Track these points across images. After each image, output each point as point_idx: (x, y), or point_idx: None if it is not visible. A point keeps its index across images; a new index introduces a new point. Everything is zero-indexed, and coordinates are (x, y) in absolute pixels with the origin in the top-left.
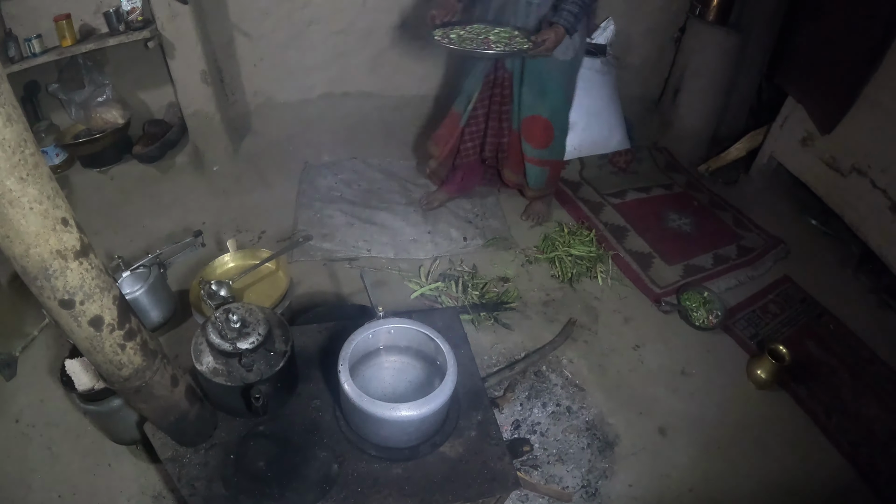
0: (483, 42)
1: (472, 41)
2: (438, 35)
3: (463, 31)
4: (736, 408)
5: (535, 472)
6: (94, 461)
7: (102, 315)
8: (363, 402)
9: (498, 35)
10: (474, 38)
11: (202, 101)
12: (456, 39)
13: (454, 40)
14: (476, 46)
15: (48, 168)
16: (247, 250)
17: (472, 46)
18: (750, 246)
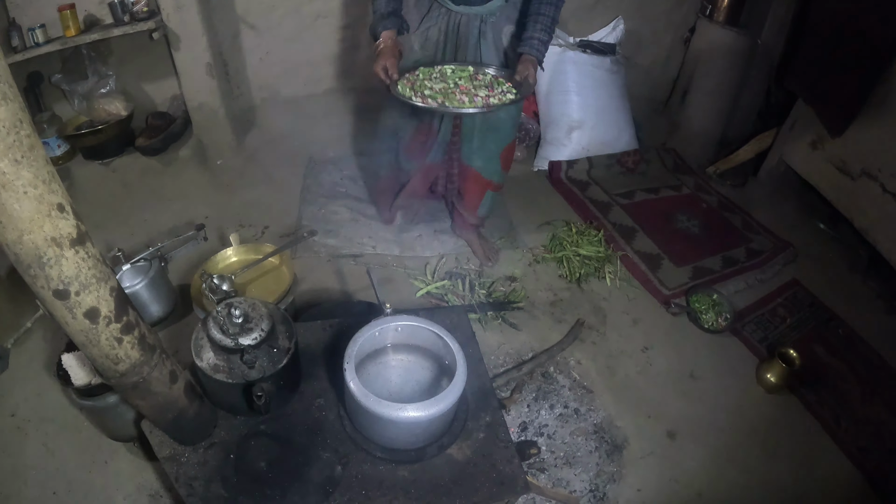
0: (461, 90)
1: (446, 92)
2: (409, 93)
3: (428, 81)
4: (745, 412)
5: (543, 475)
6: (90, 458)
7: (99, 307)
8: (369, 401)
9: (464, 75)
10: (446, 85)
11: (207, 94)
12: (431, 95)
13: (431, 96)
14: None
15: (44, 151)
16: (250, 245)
17: (459, 102)
18: (758, 249)
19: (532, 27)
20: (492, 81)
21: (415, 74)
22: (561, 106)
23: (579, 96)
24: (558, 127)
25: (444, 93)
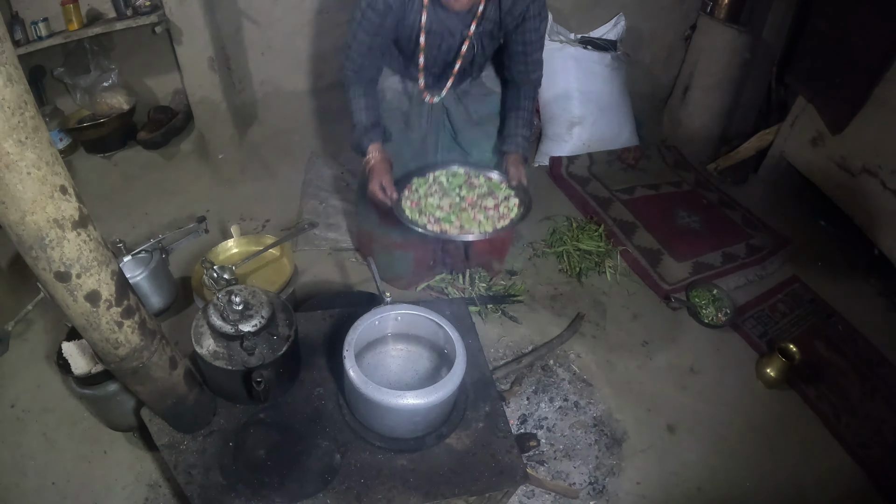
0: (469, 203)
1: (457, 210)
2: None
3: (432, 199)
4: (745, 406)
5: (542, 467)
6: (89, 448)
7: (100, 290)
8: (369, 389)
9: (460, 182)
10: (452, 200)
11: (209, 89)
12: (444, 217)
13: (445, 219)
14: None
15: (48, 133)
16: (251, 236)
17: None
18: (759, 245)
19: (514, 123)
20: (488, 185)
21: (414, 191)
22: (562, 102)
23: (580, 92)
24: (559, 123)
25: (456, 210)
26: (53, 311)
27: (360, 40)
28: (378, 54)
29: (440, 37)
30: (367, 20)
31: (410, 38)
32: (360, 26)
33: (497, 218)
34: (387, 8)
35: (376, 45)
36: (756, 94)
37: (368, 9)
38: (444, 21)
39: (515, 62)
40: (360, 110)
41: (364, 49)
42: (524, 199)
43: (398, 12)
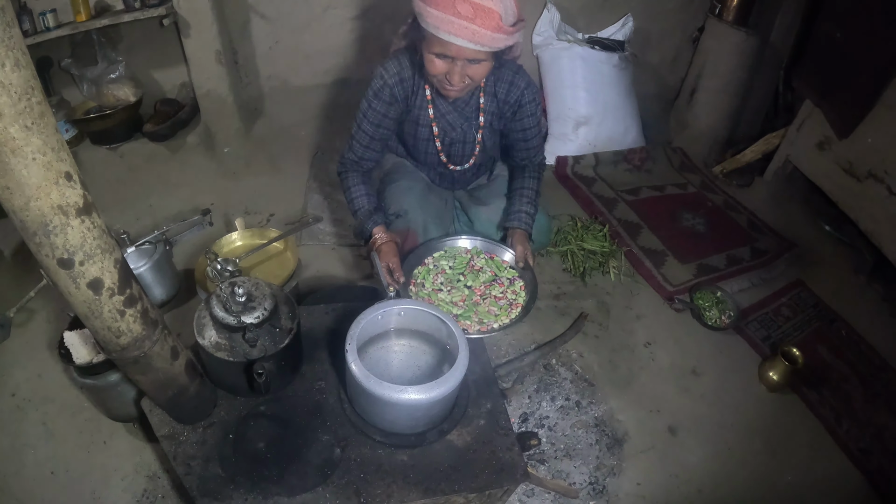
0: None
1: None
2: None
3: (442, 293)
4: (746, 409)
5: (542, 466)
6: (89, 438)
7: (102, 278)
8: (370, 383)
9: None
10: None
11: (215, 82)
12: (463, 314)
13: (464, 316)
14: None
15: (54, 119)
16: (255, 230)
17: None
18: (763, 248)
19: (519, 201)
20: (490, 266)
21: (419, 285)
22: (569, 101)
23: (587, 92)
24: (565, 122)
25: (469, 305)
26: (56, 301)
27: (363, 130)
28: (379, 146)
29: (444, 132)
30: (372, 110)
31: (416, 135)
32: (364, 116)
33: (508, 306)
34: (392, 99)
35: (378, 136)
36: (763, 97)
37: (374, 98)
38: (446, 115)
39: (517, 149)
40: (361, 196)
41: (367, 139)
42: (529, 280)
43: (403, 104)
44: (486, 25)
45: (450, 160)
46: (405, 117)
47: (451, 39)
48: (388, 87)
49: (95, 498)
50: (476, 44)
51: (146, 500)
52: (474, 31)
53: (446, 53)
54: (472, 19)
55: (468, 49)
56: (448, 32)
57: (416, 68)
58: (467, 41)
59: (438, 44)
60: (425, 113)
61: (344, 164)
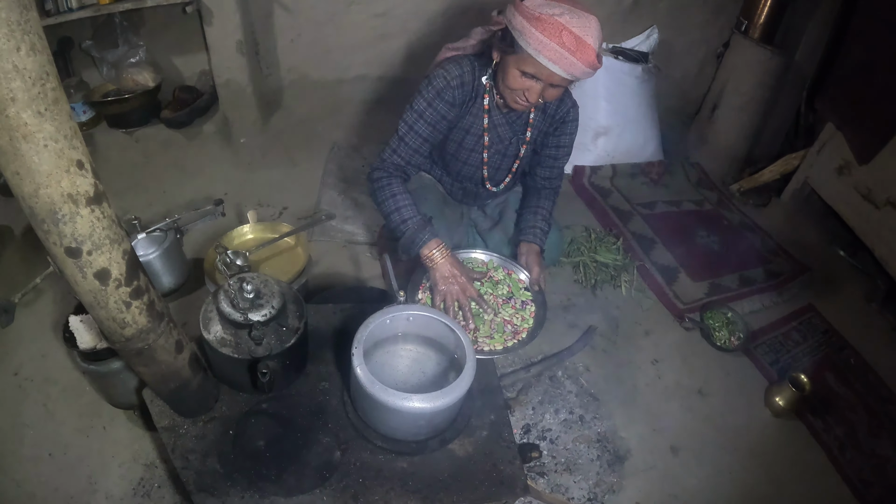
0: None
1: (478, 314)
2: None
3: None
4: (751, 434)
5: (542, 479)
6: (88, 422)
7: (110, 268)
8: (375, 388)
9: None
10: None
11: (235, 72)
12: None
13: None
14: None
15: (69, 106)
16: (267, 223)
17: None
18: (777, 271)
19: (533, 218)
20: (507, 282)
21: (426, 291)
22: (589, 111)
23: (608, 102)
24: (584, 132)
25: (479, 314)
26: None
27: (416, 131)
28: (427, 152)
29: (492, 143)
30: (432, 109)
31: (461, 144)
32: (420, 117)
33: (511, 333)
34: (453, 101)
35: (431, 139)
36: (785, 117)
37: (436, 98)
38: (498, 127)
39: (543, 167)
40: (409, 206)
41: (418, 142)
42: (540, 304)
43: (458, 110)
44: (582, 59)
45: (489, 175)
46: (454, 124)
47: (548, 65)
48: (451, 89)
49: (92, 483)
50: (568, 73)
51: (142, 489)
52: (572, 62)
53: (536, 76)
54: (573, 52)
55: (559, 76)
56: (547, 58)
57: (478, 75)
58: (562, 70)
59: (532, 65)
60: (479, 122)
61: (385, 168)
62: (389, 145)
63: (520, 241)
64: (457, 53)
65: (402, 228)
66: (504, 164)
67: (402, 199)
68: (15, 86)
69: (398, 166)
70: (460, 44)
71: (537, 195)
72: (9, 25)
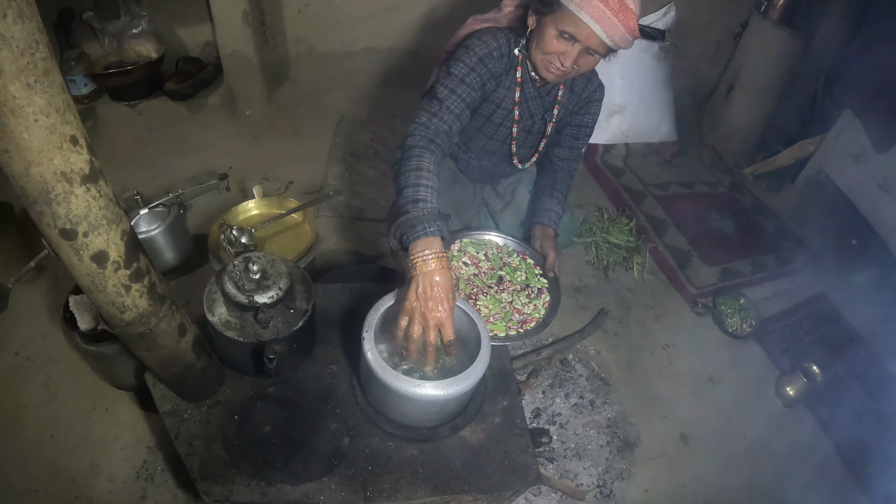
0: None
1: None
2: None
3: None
4: (760, 423)
5: (551, 465)
6: (91, 403)
7: (108, 250)
8: (386, 375)
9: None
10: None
11: (240, 43)
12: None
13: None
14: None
15: (61, 78)
16: (272, 199)
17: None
18: (789, 258)
19: (549, 200)
20: (524, 267)
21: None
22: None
23: (623, 80)
24: None
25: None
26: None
27: (458, 94)
28: (465, 121)
29: (521, 118)
30: (475, 73)
31: (490, 118)
32: (462, 81)
33: (520, 321)
34: (494, 69)
35: (472, 105)
36: (801, 101)
37: (479, 63)
38: (529, 101)
39: (562, 147)
40: (429, 188)
41: (461, 107)
42: (554, 293)
43: (494, 83)
44: (623, 22)
45: (516, 150)
46: (485, 97)
47: (589, 23)
48: (493, 59)
49: (94, 465)
50: (608, 36)
51: (145, 472)
52: (613, 23)
53: (575, 36)
54: (616, 12)
55: (598, 38)
56: (590, 15)
57: (512, 47)
58: (602, 30)
59: (573, 23)
60: (511, 95)
61: (420, 135)
62: (426, 110)
63: (535, 224)
64: (487, 25)
65: (408, 207)
66: (528, 142)
67: (427, 178)
68: (1, 56)
69: (438, 132)
70: (491, 15)
71: (553, 176)
72: None
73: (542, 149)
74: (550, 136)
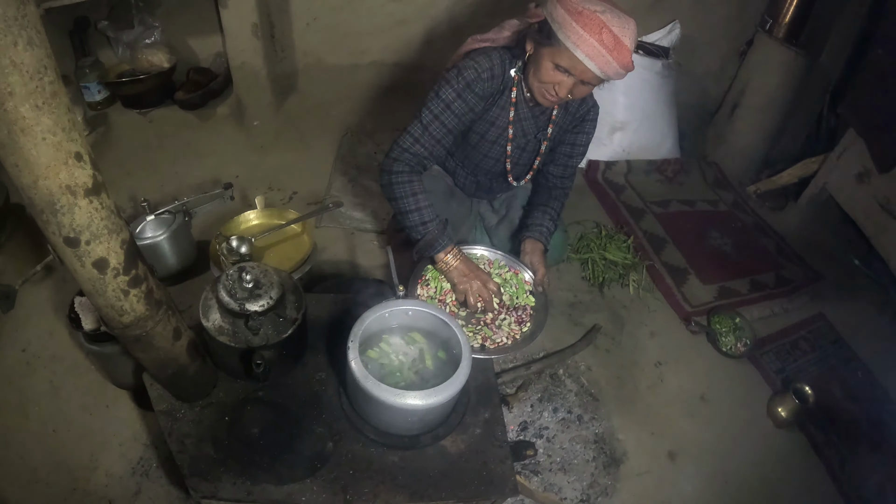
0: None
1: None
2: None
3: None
4: (751, 443)
5: (536, 477)
6: (92, 400)
7: (108, 258)
8: (368, 384)
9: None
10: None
11: (250, 54)
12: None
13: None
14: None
15: (67, 99)
16: (274, 209)
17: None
18: (789, 277)
19: (541, 216)
20: (514, 282)
21: (425, 282)
22: (606, 104)
23: (626, 97)
24: (601, 126)
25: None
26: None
27: (442, 121)
28: (450, 144)
29: (515, 137)
30: (461, 100)
31: (484, 136)
32: (448, 107)
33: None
34: (483, 93)
35: (456, 131)
36: (806, 119)
37: (466, 89)
38: (523, 121)
39: (557, 165)
40: (428, 208)
41: (442, 133)
42: (541, 310)
43: (484, 103)
44: (618, 59)
45: (511, 168)
46: (479, 115)
47: (585, 60)
48: (481, 81)
49: (93, 460)
50: (602, 72)
51: (140, 469)
52: (608, 61)
53: (570, 71)
54: (610, 51)
55: (592, 73)
56: (585, 54)
57: (507, 67)
58: (597, 67)
59: (568, 59)
60: (505, 114)
61: (404, 161)
62: (410, 133)
63: (525, 238)
64: (484, 45)
65: (420, 230)
66: (523, 159)
67: (423, 200)
68: (13, 80)
69: (418, 158)
70: (490, 35)
71: (548, 194)
72: (5, 21)
73: (537, 166)
74: (545, 154)
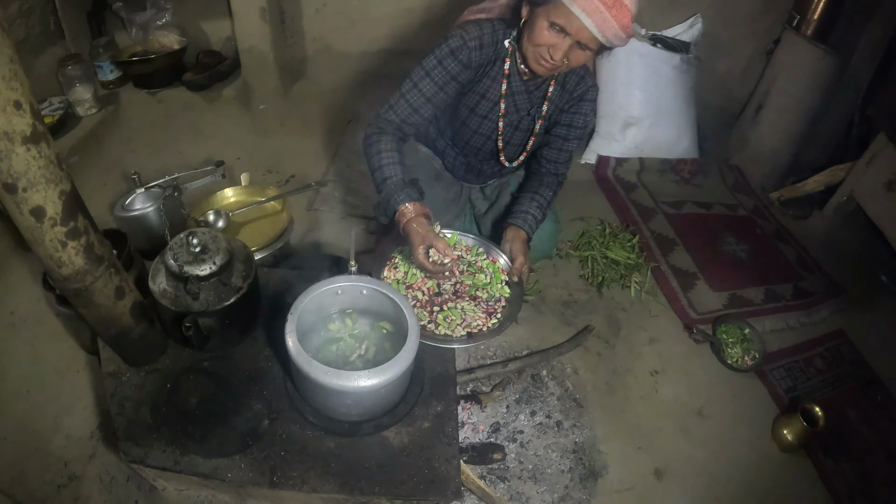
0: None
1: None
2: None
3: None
4: (749, 466)
5: (502, 484)
6: (66, 365)
7: (45, 206)
8: (300, 359)
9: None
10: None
11: (258, 39)
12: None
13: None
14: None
15: (12, 49)
16: (254, 186)
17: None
18: (809, 289)
19: (528, 203)
20: (490, 270)
21: (393, 266)
22: (620, 99)
23: (642, 91)
24: (614, 121)
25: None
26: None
27: (420, 89)
28: (429, 114)
29: (507, 112)
30: (441, 68)
31: (474, 110)
32: (427, 74)
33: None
34: (468, 62)
35: (435, 101)
36: (836, 124)
37: (448, 56)
38: (516, 95)
39: (550, 148)
40: (394, 164)
41: (420, 101)
42: (515, 299)
43: (473, 73)
44: (616, 18)
45: (502, 147)
46: (469, 88)
47: (581, 16)
48: (467, 49)
49: (56, 423)
50: (599, 31)
51: (99, 433)
52: (605, 18)
53: (565, 29)
54: (609, 7)
55: (589, 32)
56: (581, 9)
57: (501, 37)
58: (594, 24)
59: (564, 15)
60: (497, 87)
61: (378, 126)
62: (388, 101)
63: (508, 225)
64: (480, 17)
65: (381, 187)
66: (515, 138)
67: (388, 157)
68: None
69: (393, 124)
70: (486, 4)
71: (539, 181)
72: None
73: (531, 147)
74: (539, 134)
